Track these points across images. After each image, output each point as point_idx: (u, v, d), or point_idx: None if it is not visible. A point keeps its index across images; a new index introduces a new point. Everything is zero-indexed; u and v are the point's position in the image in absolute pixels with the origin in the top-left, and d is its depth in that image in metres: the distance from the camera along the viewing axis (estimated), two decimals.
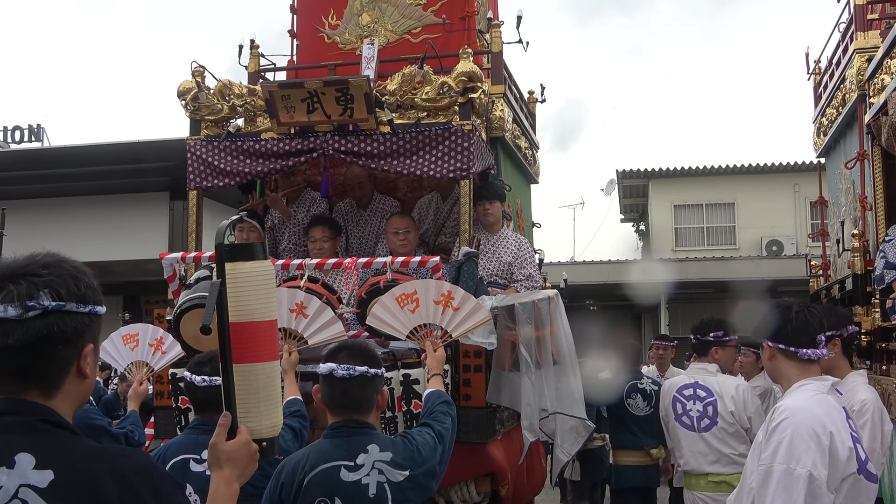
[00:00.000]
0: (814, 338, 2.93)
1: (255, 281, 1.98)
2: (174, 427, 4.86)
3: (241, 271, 1.97)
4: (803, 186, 20.20)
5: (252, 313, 1.97)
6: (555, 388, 4.98)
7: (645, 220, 25.40)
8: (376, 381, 3.05)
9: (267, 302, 2.01)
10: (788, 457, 2.66)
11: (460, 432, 4.38)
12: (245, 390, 1.95)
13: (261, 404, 1.98)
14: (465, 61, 5.33)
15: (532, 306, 4.86)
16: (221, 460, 1.91)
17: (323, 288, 4.88)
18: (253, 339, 1.96)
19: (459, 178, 5.24)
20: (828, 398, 2.84)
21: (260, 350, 1.97)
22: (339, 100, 5.15)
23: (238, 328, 1.95)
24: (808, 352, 2.92)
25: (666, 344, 9.30)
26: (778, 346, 2.97)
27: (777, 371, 3.00)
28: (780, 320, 2.98)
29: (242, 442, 1.94)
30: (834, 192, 7.84)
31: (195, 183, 5.65)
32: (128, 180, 12.95)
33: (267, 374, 1.99)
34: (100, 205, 13.41)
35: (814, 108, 8.30)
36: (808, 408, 2.76)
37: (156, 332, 4.84)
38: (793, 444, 2.67)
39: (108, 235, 13.15)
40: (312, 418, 4.13)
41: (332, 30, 6.72)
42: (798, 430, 2.69)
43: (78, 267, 1.74)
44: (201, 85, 5.60)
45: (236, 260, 1.98)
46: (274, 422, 2.01)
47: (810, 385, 2.88)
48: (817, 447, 2.65)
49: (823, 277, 8.12)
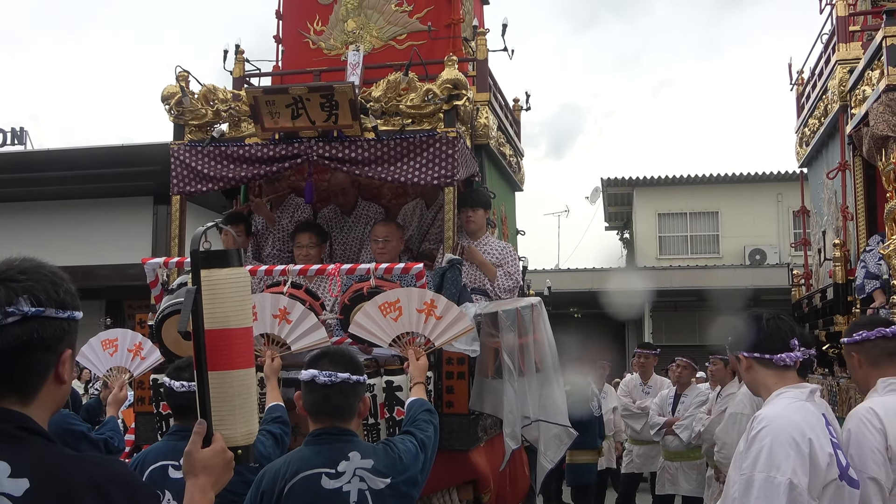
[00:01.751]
0: (787, 342, 2.94)
1: (231, 288, 1.98)
2: (155, 433, 4.83)
3: (216, 278, 1.96)
4: (786, 196, 20.34)
5: (227, 320, 1.96)
6: (538, 395, 4.98)
7: (629, 228, 25.49)
8: (358, 388, 3.04)
9: (242, 309, 2.00)
10: (769, 465, 2.66)
11: (443, 439, 4.37)
12: (220, 398, 1.94)
13: (236, 412, 1.97)
14: (451, 69, 5.33)
15: (515, 314, 4.86)
16: (196, 468, 1.90)
17: (306, 294, 4.86)
18: (228, 347, 1.95)
19: (444, 185, 5.23)
20: (807, 405, 2.85)
21: (235, 357, 1.96)
22: (324, 106, 5.14)
23: (213, 335, 1.94)
24: (783, 356, 2.92)
25: (648, 352, 9.36)
26: (753, 356, 2.98)
27: (756, 381, 3.01)
28: (752, 330, 3.00)
29: (218, 450, 1.92)
30: (816, 201, 7.90)
31: (178, 188, 5.62)
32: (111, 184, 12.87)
33: (242, 381, 1.98)
34: (83, 209, 13.32)
35: (796, 119, 8.36)
36: (787, 415, 2.77)
37: (135, 337, 4.81)
38: (772, 452, 2.68)
39: (92, 240, 13.07)
40: (294, 425, 4.11)
41: (318, 35, 6.70)
42: (777, 438, 2.69)
43: (56, 272, 1.72)
44: (185, 89, 5.58)
45: (211, 267, 1.97)
46: (249, 429, 2.00)
47: (789, 393, 2.88)
48: (797, 454, 2.66)
49: (805, 287, 8.18)
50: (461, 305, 4.77)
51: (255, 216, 6.53)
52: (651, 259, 22.03)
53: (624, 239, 26.87)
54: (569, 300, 19.54)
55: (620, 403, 9.24)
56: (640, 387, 9.09)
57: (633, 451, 8.90)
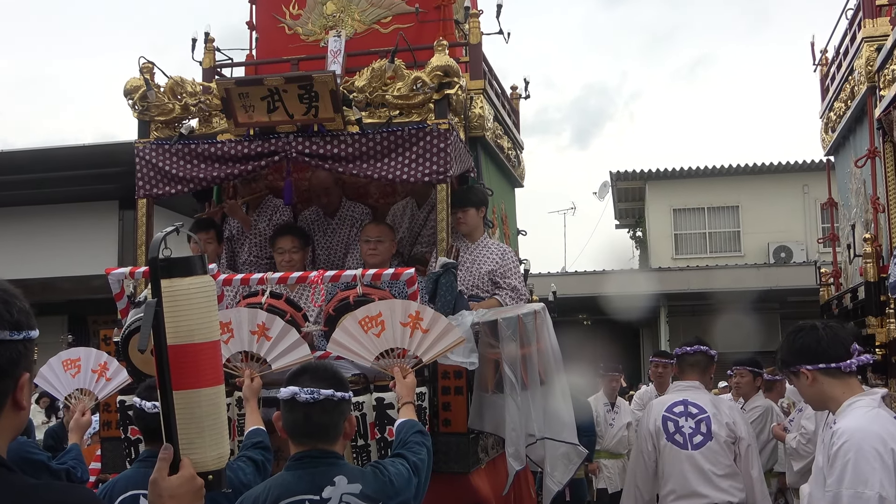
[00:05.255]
0: (848, 349, 3.12)
1: (195, 299, 1.97)
2: (123, 460, 4.83)
3: (178, 288, 1.96)
4: (813, 187, 20.38)
5: (192, 334, 1.96)
6: (542, 410, 4.99)
7: (642, 225, 25.52)
8: (343, 405, 3.04)
9: (208, 321, 1.99)
10: (855, 480, 2.86)
11: (440, 461, 4.38)
12: (187, 419, 1.94)
13: (205, 434, 1.97)
14: (441, 54, 5.34)
15: (517, 321, 4.86)
16: (164, 498, 1.90)
17: (287, 304, 4.86)
18: (194, 363, 1.94)
19: (436, 182, 5.24)
20: (881, 412, 3.04)
21: (202, 374, 1.96)
22: (303, 98, 5.15)
23: (177, 351, 1.93)
24: (850, 363, 3.10)
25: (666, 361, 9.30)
26: (818, 368, 3.12)
27: (821, 395, 3.16)
28: (812, 341, 3.15)
29: (186, 477, 1.92)
30: (844, 192, 7.91)
31: (145, 190, 5.62)
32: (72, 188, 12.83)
33: (211, 400, 1.98)
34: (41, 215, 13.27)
35: (821, 102, 8.38)
36: (865, 427, 2.95)
37: (99, 356, 4.80)
38: (857, 467, 2.87)
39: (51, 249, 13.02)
40: (277, 449, 4.11)
41: (294, 20, 6.70)
42: (861, 452, 2.89)
43: (7, 289, 1.72)
44: (150, 82, 5.58)
45: (173, 276, 1.96)
46: (220, 452, 2.00)
47: (861, 402, 3.05)
48: (881, 467, 2.85)
49: (834, 286, 8.18)
50: (457, 313, 4.78)
51: (229, 220, 6.53)
52: (666, 259, 22.05)
53: (636, 238, 26.91)
54: (576, 306, 19.55)
55: (635, 418, 9.21)
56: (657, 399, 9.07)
57: None
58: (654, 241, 22.90)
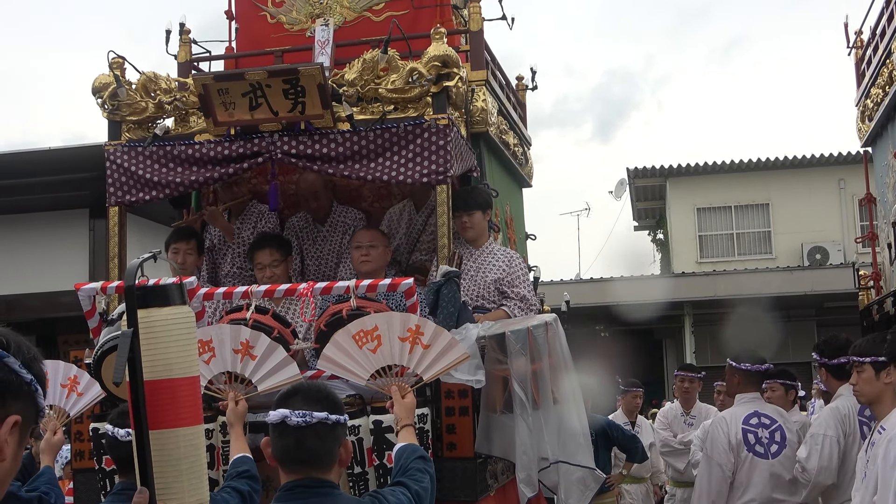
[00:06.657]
0: None
1: (173, 330, 1.99)
2: (98, 493, 4.83)
3: (155, 319, 1.97)
4: (850, 182, 20.40)
5: (170, 369, 1.97)
6: (556, 431, 4.98)
7: (662, 227, 25.53)
8: (337, 429, 3.04)
9: (187, 355, 2.00)
10: None
11: (445, 489, 4.38)
12: (164, 461, 1.95)
13: (183, 477, 1.98)
14: (438, 43, 5.34)
15: (526, 334, 4.87)
16: None
17: (274, 320, 4.87)
18: (172, 400, 1.96)
19: (435, 182, 5.25)
20: None
21: (181, 412, 1.97)
22: (288, 93, 5.16)
23: (154, 387, 1.94)
24: None
25: (692, 375, 9.31)
26: None
27: None
28: None
29: None
30: (881, 187, 7.91)
31: (117, 197, 5.62)
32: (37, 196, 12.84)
33: (189, 441, 1.99)
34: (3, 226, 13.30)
35: (856, 89, 8.38)
36: None
37: (68, 369, 4.79)
38: None
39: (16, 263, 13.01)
40: (266, 478, 4.12)
41: (277, 7, 6.70)
42: None
43: None
44: (121, 79, 5.59)
45: (150, 306, 1.97)
46: (200, 498, 2.01)
47: None
48: None
49: (875, 289, 8.16)
50: (461, 326, 4.78)
51: (209, 228, 6.53)
52: (690, 263, 22.05)
53: (657, 240, 26.92)
54: (592, 315, 19.55)
55: (659, 438, 9.19)
56: (682, 417, 9.07)
57: (677, 496, 8.86)
58: (677, 244, 22.91)
